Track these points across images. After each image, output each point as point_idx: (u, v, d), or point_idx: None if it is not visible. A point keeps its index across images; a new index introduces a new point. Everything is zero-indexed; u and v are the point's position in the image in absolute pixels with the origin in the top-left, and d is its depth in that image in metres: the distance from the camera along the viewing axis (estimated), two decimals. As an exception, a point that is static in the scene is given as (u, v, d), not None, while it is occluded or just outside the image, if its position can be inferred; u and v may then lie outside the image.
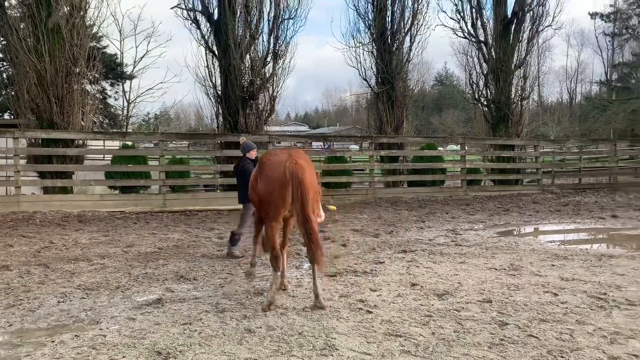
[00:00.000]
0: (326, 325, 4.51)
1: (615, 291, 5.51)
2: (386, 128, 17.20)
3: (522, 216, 12.07)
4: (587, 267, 6.69)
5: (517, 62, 18.03)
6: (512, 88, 18.13)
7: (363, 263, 7.10)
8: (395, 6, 17.18)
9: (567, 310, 4.86)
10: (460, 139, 18.46)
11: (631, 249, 8.40)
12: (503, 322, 4.56)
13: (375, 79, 17.87)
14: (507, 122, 18.04)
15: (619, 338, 4.17)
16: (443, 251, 7.91)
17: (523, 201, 14.81)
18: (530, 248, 8.18)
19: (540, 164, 18.27)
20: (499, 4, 17.74)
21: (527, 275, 6.28)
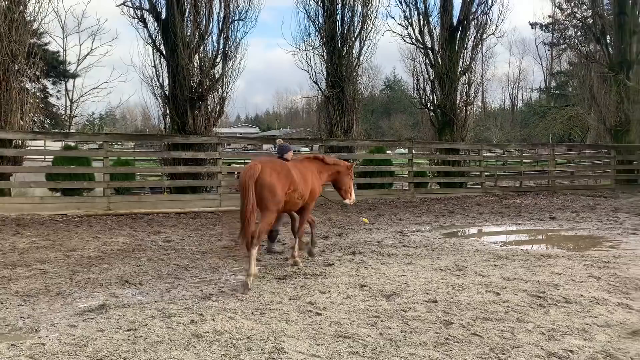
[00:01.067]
0: (275, 329, 4.50)
1: (553, 289, 5.76)
2: (336, 131, 17.34)
3: (466, 218, 12.44)
4: (527, 266, 6.97)
5: (462, 68, 18.59)
6: (457, 94, 18.67)
7: (313, 265, 7.12)
8: (345, 11, 17.37)
9: (509, 309, 5.05)
10: (408, 142, 18.84)
11: (568, 249, 8.82)
12: (448, 321, 4.68)
13: (326, 82, 17.99)
14: (452, 126, 18.56)
15: (556, 334, 4.36)
16: (391, 252, 8.04)
17: (467, 203, 15.26)
18: (474, 249, 8.45)
19: (483, 167, 18.89)
20: (445, 12, 18.25)
21: (471, 275, 6.48)
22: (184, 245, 8.76)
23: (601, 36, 21.27)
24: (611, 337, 4.31)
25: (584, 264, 7.11)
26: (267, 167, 6.38)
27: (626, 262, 7.20)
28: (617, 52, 20.84)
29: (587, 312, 4.97)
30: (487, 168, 20.00)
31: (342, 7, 17.41)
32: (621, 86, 20.31)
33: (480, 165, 18.82)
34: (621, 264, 7.07)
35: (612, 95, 20.52)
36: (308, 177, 7.13)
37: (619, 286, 5.92)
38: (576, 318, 4.78)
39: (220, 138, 15.13)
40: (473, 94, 19.62)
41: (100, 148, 14.12)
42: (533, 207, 14.46)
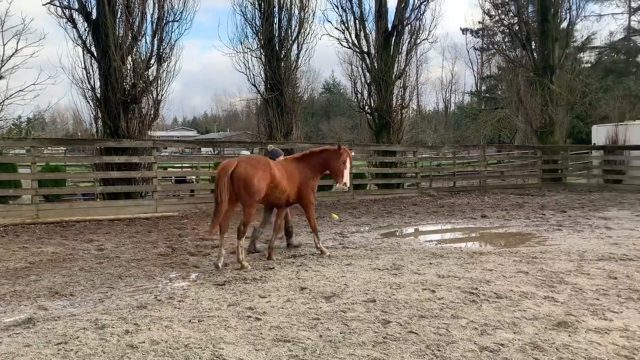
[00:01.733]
0: (213, 336, 4.43)
1: (485, 286, 6.00)
2: (276, 134, 17.29)
3: (403, 218, 12.74)
4: (460, 264, 7.22)
5: (398, 72, 19.02)
6: (393, 97, 19.08)
7: (253, 270, 7.07)
8: (283, 14, 17.36)
9: (444, 306, 5.21)
10: (347, 145, 19.05)
11: (499, 246, 9.21)
12: (386, 320, 4.78)
13: (265, 85, 17.91)
14: (389, 129, 18.96)
15: (488, 329, 4.55)
16: (331, 254, 8.11)
17: (404, 204, 15.62)
18: (411, 248, 8.67)
19: (419, 168, 19.39)
20: (380, 17, 18.62)
21: (408, 274, 6.64)
22: (118, 254, 8.46)
23: (527, 42, 22.38)
24: (538, 329, 4.54)
25: (514, 260, 7.45)
26: (242, 162, 7.09)
27: (552, 257, 7.60)
28: (541, 58, 22.00)
29: (517, 306, 5.21)
30: (423, 169, 20.54)
31: (279, 10, 17.40)
32: (545, 90, 21.44)
33: (415, 166, 19.31)
34: (547, 259, 7.46)
35: (538, 98, 21.63)
36: (295, 176, 7.69)
37: (545, 280, 6.24)
38: (507, 312, 5.00)
39: (155, 142, 14.72)
40: (408, 98, 20.10)
41: (28, 154, 13.39)
42: (466, 206, 14.99)
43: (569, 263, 7.19)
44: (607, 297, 5.52)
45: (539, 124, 21.88)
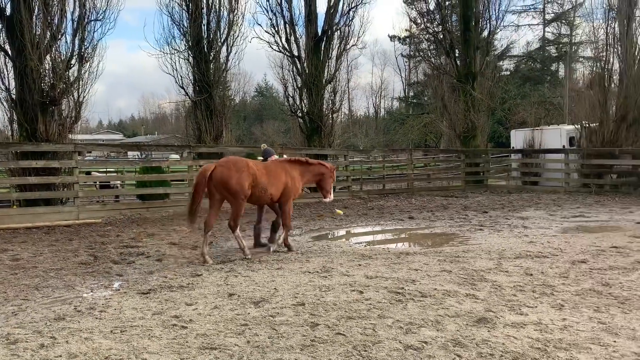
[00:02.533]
0: (136, 346, 4.28)
1: (410, 285, 6.17)
2: (205, 137, 16.98)
3: (334, 221, 12.87)
4: (388, 264, 7.38)
5: (328, 77, 19.23)
6: (324, 101, 19.28)
7: (180, 277, 6.89)
8: (211, 15, 17.10)
9: (371, 306, 5.31)
10: (279, 148, 19.02)
11: (424, 246, 9.49)
12: (314, 323, 4.80)
13: (193, 87, 17.56)
14: (320, 133, 19.11)
15: (412, 328, 4.67)
16: (262, 259, 8.06)
17: (335, 207, 15.77)
18: (341, 250, 8.77)
19: (349, 172, 19.68)
20: (310, 22, 18.76)
21: (337, 276, 6.71)
22: (35, 263, 7.99)
23: (450, 50, 23.29)
24: (460, 326, 4.72)
25: (438, 259, 7.71)
26: (219, 166, 7.80)
27: (473, 256, 7.93)
28: (464, 65, 22.95)
29: (440, 304, 5.39)
30: (354, 172, 20.87)
31: (207, 11, 17.12)
32: (468, 96, 22.39)
33: (347, 170, 19.58)
34: (469, 258, 7.78)
35: (461, 104, 22.54)
36: (280, 176, 8.29)
37: (467, 278, 6.50)
38: (430, 311, 5.16)
39: (77, 145, 14.05)
40: (339, 102, 20.35)
41: None
42: (394, 208, 15.37)
43: (490, 261, 7.53)
44: (523, 293, 5.82)
45: (462, 128, 22.78)
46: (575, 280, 6.38)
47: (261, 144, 10.25)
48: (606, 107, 18.69)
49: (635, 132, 18.28)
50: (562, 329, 4.64)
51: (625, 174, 18.79)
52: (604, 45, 19.28)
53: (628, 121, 18.16)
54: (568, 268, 7.01)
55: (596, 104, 18.77)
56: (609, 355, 4.05)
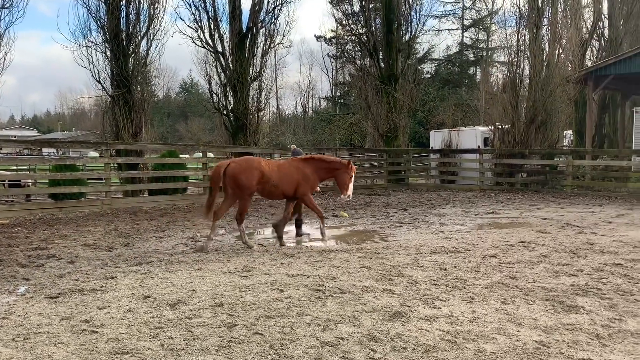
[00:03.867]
0: (40, 354, 4.04)
1: (331, 282, 6.24)
2: (123, 134, 16.33)
3: (259, 219, 12.79)
4: (310, 262, 7.43)
5: (253, 74, 19.08)
6: (249, 99, 19.10)
7: (92, 280, 6.58)
8: (130, 8, 16.45)
9: (290, 305, 5.32)
10: (202, 146, 18.65)
11: (346, 243, 9.64)
12: (232, 323, 4.74)
13: (111, 82, 16.83)
14: (246, 131, 18.93)
15: (330, 324, 4.72)
16: (181, 260, 7.85)
17: (261, 205, 15.69)
18: (264, 249, 8.73)
19: (275, 170, 19.63)
20: (235, 19, 18.51)
21: (259, 275, 6.67)
22: None
23: (374, 52, 23.79)
24: (376, 321, 4.83)
25: (359, 256, 7.85)
26: (233, 163, 8.69)
27: (392, 252, 8.15)
28: (386, 67, 23.54)
29: (358, 300, 5.49)
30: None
31: (126, 4, 16.45)
32: (390, 97, 23.00)
33: (272, 168, 19.50)
34: (388, 254, 7.99)
35: (384, 105, 23.10)
36: (291, 174, 8.95)
37: (385, 274, 6.67)
38: (348, 307, 5.24)
39: (-20, 141, 13.08)
40: (265, 100, 20.27)
41: None
42: (319, 206, 15.41)
43: (407, 257, 7.77)
44: (437, 287, 6.05)
45: (385, 128, 23.36)
46: (485, 274, 6.71)
47: (290, 145, 11.82)
48: (517, 110, 19.85)
49: (543, 133, 19.54)
50: (472, 321, 4.86)
51: (534, 173, 20.05)
52: (516, 51, 20.45)
53: (537, 123, 19.39)
54: (479, 262, 7.37)
55: (508, 107, 19.90)
56: (512, 344, 4.29)
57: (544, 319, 4.92)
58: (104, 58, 16.62)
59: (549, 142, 19.81)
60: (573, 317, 4.96)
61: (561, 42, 20.53)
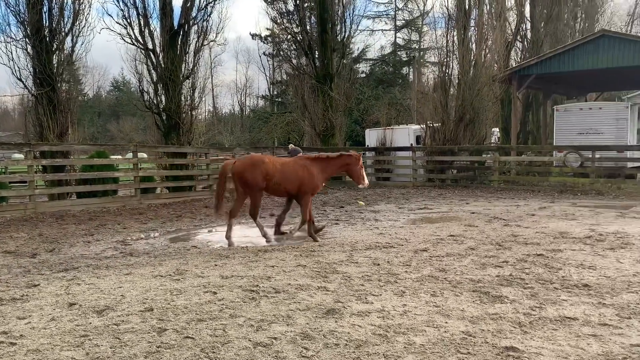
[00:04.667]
0: (-50, 371, 3.77)
1: (265, 282, 6.20)
2: (48, 134, 15.52)
3: (193, 221, 12.53)
4: (245, 263, 7.36)
5: (186, 72, 18.65)
6: (182, 97, 18.66)
7: (13, 289, 6.22)
8: (53, 2, 15.65)
9: (223, 307, 5.24)
10: (133, 146, 18.05)
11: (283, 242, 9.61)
12: (162, 328, 4.62)
13: (33, 80, 15.95)
14: (179, 130, 18.48)
15: (263, 324, 4.70)
16: (110, 264, 7.57)
17: (195, 207, 15.41)
18: (198, 251, 8.56)
19: (211, 170, 19.33)
20: (165, 15, 18.01)
21: (191, 278, 6.53)
22: None
23: (309, 51, 23.90)
24: (310, 319, 4.85)
25: (295, 254, 7.87)
26: (238, 161, 9.00)
27: (328, 250, 8.22)
28: (322, 66, 23.70)
29: (293, 298, 5.49)
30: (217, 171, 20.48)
31: (49, -2, 15.66)
32: (326, 96, 23.19)
33: (208, 168, 19.19)
34: (324, 252, 8.05)
35: (320, 104, 23.27)
36: (296, 172, 9.09)
37: (320, 271, 6.71)
38: (283, 306, 5.23)
39: None
40: (198, 98, 19.86)
41: None
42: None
43: (342, 254, 7.86)
44: (370, 283, 6.16)
45: (321, 127, 23.53)
46: (416, 267, 6.90)
47: (289, 145, 11.49)
48: (447, 109, 20.54)
49: (472, 131, 20.32)
50: (402, 315, 4.98)
51: (463, 169, 20.81)
52: (445, 52, 21.15)
53: (465, 121, 20.14)
54: (411, 257, 7.57)
55: (439, 106, 20.55)
56: (440, 336, 4.42)
57: (471, 309, 5.12)
58: (25, 55, 15.74)
59: (477, 140, 20.64)
60: (498, 307, 5.18)
61: (487, 43, 21.44)
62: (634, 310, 5.00)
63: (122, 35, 18.00)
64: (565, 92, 29.06)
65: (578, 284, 5.93)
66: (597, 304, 5.23)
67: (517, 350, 4.08)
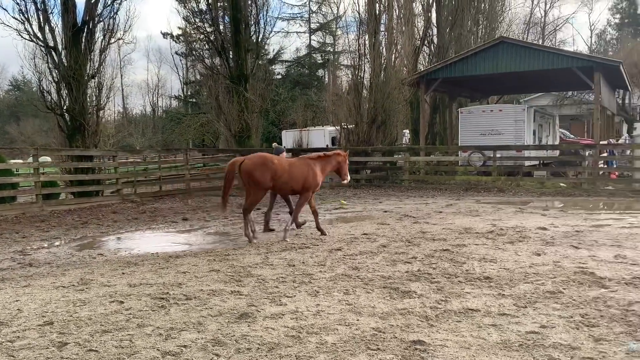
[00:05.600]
0: None
1: (176, 289, 6.03)
2: None
3: (100, 227, 11.93)
4: (155, 270, 7.11)
5: (92, 71, 17.68)
6: (87, 98, 17.68)
7: None
8: None
9: (131, 316, 5.03)
10: (33, 150, 16.88)
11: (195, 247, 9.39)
12: (63, 342, 4.36)
13: None
14: (84, 132, 17.48)
15: (173, 333, 4.56)
16: (5, 277, 7.04)
17: (103, 212, 14.68)
18: (104, 259, 8.16)
19: (119, 174, 18.51)
20: (67, 11, 16.96)
21: (97, 287, 6.22)
22: None
23: (223, 51, 23.50)
24: (222, 325, 4.77)
25: (208, 259, 7.71)
26: (247, 159, 9.10)
27: (243, 253, 8.14)
28: (236, 67, 23.40)
29: (204, 305, 5.38)
30: (126, 175, 19.71)
31: None
32: (241, 97, 22.93)
33: (116, 172, 18.36)
34: (238, 255, 7.96)
35: (235, 104, 22.97)
36: (302, 171, 9.40)
37: (234, 275, 6.63)
38: (194, 313, 5.11)
39: None
40: (105, 99, 18.88)
41: None
42: (168, 210, 14.93)
43: (257, 256, 7.81)
44: (284, 284, 6.16)
45: (237, 128, 23.24)
46: (330, 267, 7.00)
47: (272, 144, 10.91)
48: (360, 111, 21.03)
49: (384, 132, 20.96)
50: (315, 314, 5.03)
51: (376, 169, 21.41)
52: (358, 55, 21.65)
53: (377, 123, 20.73)
54: (326, 256, 7.67)
55: (352, 108, 21.00)
56: (352, 334, 4.51)
57: (381, 305, 5.26)
58: None
59: (389, 140, 21.32)
60: (406, 302, 5.37)
61: (397, 48, 22.19)
62: (529, 300, 5.37)
63: (19, 31, 16.74)
64: (469, 95, 30.74)
65: (480, 277, 6.28)
66: (497, 295, 5.57)
67: (423, 344, 4.24)
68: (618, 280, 5.99)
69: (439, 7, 28.50)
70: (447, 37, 28.22)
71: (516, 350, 4.09)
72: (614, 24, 65.97)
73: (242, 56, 23.21)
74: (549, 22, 58.26)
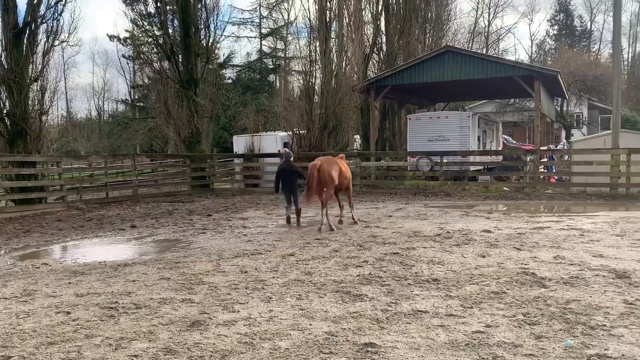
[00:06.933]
0: None
1: (125, 298, 5.92)
2: None
3: (44, 236, 11.51)
4: (103, 279, 6.95)
5: (34, 75, 17.03)
6: (30, 102, 17.02)
7: None
8: None
9: (78, 327, 4.91)
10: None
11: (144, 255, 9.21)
12: (6, 356, 4.21)
13: None
14: (26, 137, 16.81)
15: (123, 343, 4.49)
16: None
17: (47, 220, 14.17)
18: (49, 269, 7.89)
19: (64, 180, 17.89)
20: (8, 11, 16.27)
21: (42, 298, 6.02)
22: None
23: (172, 55, 23.13)
24: (173, 333, 4.73)
25: (158, 267, 7.59)
26: (324, 162, 10.83)
27: (194, 260, 8.06)
28: (186, 71, 23.07)
29: (155, 313, 5.31)
30: (71, 181, 19.02)
31: None
32: (191, 101, 22.62)
33: (60, 178, 17.74)
34: (189, 263, 7.87)
35: (185, 109, 22.63)
36: (348, 170, 11.50)
37: (185, 283, 6.56)
38: (144, 322, 5.04)
39: None
40: (49, 102, 18.21)
41: None
42: (116, 217, 14.56)
43: (209, 264, 7.75)
44: (237, 291, 6.16)
45: (187, 133, 22.91)
46: (283, 272, 7.03)
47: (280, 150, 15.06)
48: (312, 116, 21.19)
49: (335, 137, 21.19)
50: (269, 320, 5.06)
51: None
52: (309, 61, 21.81)
53: (329, 128, 20.95)
54: (279, 262, 7.70)
55: (304, 113, 21.13)
56: (305, 338, 4.57)
57: (334, 309, 5.35)
58: None
59: (340, 146, 21.56)
60: (358, 305, 5.48)
61: (347, 54, 22.49)
62: (475, 300, 5.58)
63: (-46, 31, 15.96)
64: (418, 101, 31.46)
65: (429, 279, 6.47)
66: (444, 296, 5.76)
67: (375, 346, 4.35)
68: (557, 280, 6.31)
69: (388, 16, 29.04)
70: (395, 44, 28.79)
71: (463, 350, 4.26)
72: (552, 34, 69.18)
73: (192, 60, 22.93)
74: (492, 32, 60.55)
